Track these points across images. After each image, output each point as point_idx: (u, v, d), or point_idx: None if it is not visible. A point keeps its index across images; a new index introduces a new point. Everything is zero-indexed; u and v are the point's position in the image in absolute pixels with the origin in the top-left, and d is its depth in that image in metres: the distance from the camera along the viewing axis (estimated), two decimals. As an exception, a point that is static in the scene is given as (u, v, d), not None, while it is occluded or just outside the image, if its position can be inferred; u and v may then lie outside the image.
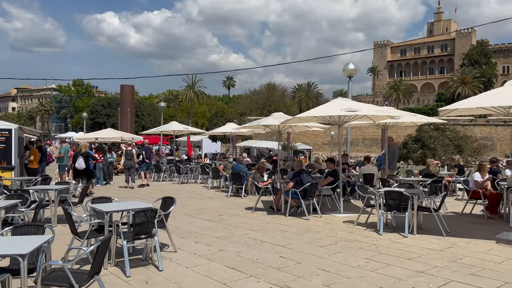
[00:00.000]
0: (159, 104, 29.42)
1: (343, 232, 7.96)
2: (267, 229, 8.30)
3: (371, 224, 8.72)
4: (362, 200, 8.73)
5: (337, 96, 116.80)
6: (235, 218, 9.59)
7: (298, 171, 9.67)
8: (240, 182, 13.07)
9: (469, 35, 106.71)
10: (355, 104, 9.61)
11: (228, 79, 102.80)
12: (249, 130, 18.11)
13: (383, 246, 6.92)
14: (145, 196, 13.46)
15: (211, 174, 15.70)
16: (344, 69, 15.63)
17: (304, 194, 9.44)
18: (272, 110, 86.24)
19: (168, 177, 19.61)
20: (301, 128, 15.68)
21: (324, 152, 76.72)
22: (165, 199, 6.91)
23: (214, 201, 12.40)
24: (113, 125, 56.36)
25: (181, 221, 9.23)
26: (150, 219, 5.66)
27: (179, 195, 13.76)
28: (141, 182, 17.06)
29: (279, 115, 14.09)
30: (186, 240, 7.44)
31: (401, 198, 7.64)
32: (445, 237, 7.51)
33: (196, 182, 18.10)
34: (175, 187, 16.34)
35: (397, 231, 8.01)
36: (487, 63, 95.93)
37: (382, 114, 9.11)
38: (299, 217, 9.56)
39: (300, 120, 11.38)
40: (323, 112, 9.51)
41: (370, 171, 12.52)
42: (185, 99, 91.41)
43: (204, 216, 9.87)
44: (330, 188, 10.25)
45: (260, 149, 40.53)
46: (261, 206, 11.01)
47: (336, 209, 10.54)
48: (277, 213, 10.16)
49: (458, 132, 28.03)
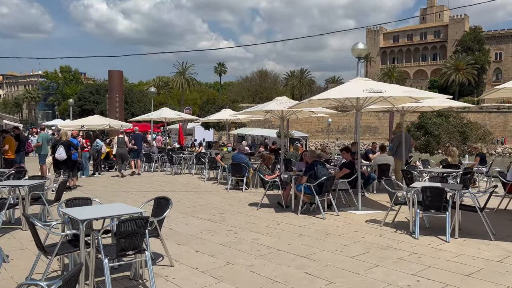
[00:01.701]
0: (149, 90, 27.77)
1: (371, 236, 6.70)
2: (280, 232, 7.01)
3: (399, 224, 7.49)
4: (390, 197, 7.46)
5: (329, 83, 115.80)
6: (239, 217, 8.28)
7: (312, 163, 8.35)
8: (241, 174, 11.75)
9: (462, 21, 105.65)
10: (378, 84, 8.28)
11: (219, 66, 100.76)
12: (248, 116, 16.73)
13: (426, 255, 5.67)
14: (135, 190, 12.08)
15: (207, 164, 14.34)
16: (353, 49, 14.22)
17: (319, 189, 8.16)
18: (264, 97, 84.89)
19: (160, 167, 18.22)
20: (305, 114, 14.34)
21: (317, 139, 75.69)
22: (158, 200, 5.56)
23: (212, 196, 11.08)
24: (102, 112, 54.48)
25: (176, 221, 7.90)
26: (139, 230, 4.32)
27: (172, 188, 12.41)
28: (132, 170, 16.23)
29: (282, 99, 12.69)
30: (184, 248, 6.11)
31: (442, 196, 6.39)
32: (494, 242, 6.30)
33: (191, 173, 16.73)
34: (168, 179, 14.97)
35: (434, 233, 6.78)
36: (480, 50, 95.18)
37: (412, 95, 7.82)
38: (312, 216, 8.29)
39: (310, 104, 10.04)
40: (342, 94, 8.17)
41: (386, 161, 11.28)
42: (175, 86, 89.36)
43: (203, 215, 8.55)
44: (346, 182, 8.97)
45: (255, 137, 39.22)
46: (266, 201, 9.72)
47: (352, 205, 9.30)
48: (286, 210, 8.88)
49: (462, 118, 26.93)
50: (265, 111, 12.77)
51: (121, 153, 15.42)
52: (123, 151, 15.46)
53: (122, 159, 15.52)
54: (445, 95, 8.43)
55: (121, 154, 15.43)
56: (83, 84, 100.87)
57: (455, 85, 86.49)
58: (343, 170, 9.03)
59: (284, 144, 16.09)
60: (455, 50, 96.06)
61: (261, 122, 70.73)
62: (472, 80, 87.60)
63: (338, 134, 77.60)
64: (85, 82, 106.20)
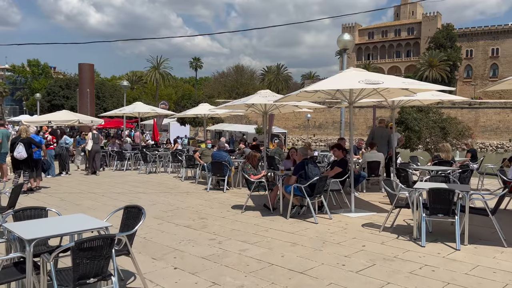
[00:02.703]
0: (122, 83, 26.39)
1: (373, 244, 5.97)
2: (270, 241, 6.20)
3: (399, 228, 6.81)
4: (390, 199, 6.76)
5: (306, 79, 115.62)
6: (223, 223, 7.42)
7: (302, 162, 7.56)
8: (222, 173, 10.87)
9: (435, 18, 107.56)
10: (374, 75, 7.57)
11: (195, 60, 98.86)
12: (227, 111, 15.83)
13: (439, 267, 4.97)
14: (105, 192, 11.02)
15: (184, 162, 13.37)
16: (338, 40, 13.60)
17: (310, 190, 7.39)
18: (241, 93, 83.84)
19: (133, 166, 17.10)
20: (288, 109, 13.56)
21: (295, 135, 75.33)
22: (128, 209, 4.64)
23: (191, 197, 10.16)
24: (72, 108, 52.33)
25: (151, 229, 6.98)
26: (103, 251, 3.41)
27: (147, 189, 11.42)
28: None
29: (266, 93, 11.87)
30: (160, 264, 5.22)
31: (452, 198, 5.72)
32: (508, 249, 5.68)
33: (167, 171, 15.71)
34: (142, 178, 13.93)
35: (440, 239, 6.11)
36: (452, 47, 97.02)
37: (412, 87, 7.14)
38: (303, 220, 7.52)
39: (298, 98, 9.25)
40: (337, 85, 7.40)
41: (375, 158, 10.63)
42: (150, 80, 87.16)
43: (181, 220, 7.64)
44: (338, 182, 8.24)
45: (233, 133, 38.31)
46: (250, 203, 8.90)
47: (344, 206, 8.59)
48: (273, 213, 8.08)
49: (442, 114, 26.77)
50: (247, 105, 11.94)
51: (97, 149, 14.91)
52: (98, 148, 14.98)
53: (95, 156, 14.72)
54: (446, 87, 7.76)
55: (97, 150, 14.92)
56: (52, 78, 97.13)
57: (428, 81, 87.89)
58: (335, 169, 8.29)
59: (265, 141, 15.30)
60: (428, 47, 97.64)
61: (239, 117, 69.94)
62: (445, 77, 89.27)
63: (315, 130, 77.57)
64: (55, 77, 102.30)
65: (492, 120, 71.16)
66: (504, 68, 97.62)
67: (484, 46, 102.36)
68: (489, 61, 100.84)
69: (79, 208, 8.87)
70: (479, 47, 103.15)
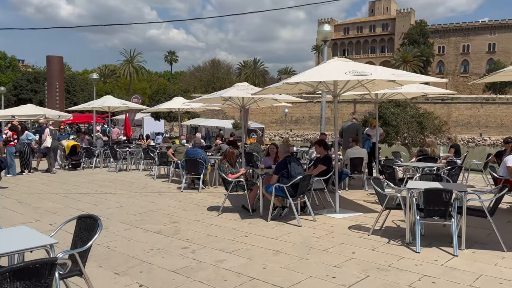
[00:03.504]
0: (91, 76, 25.13)
1: (363, 250, 5.42)
2: (250, 249, 5.56)
3: (388, 231, 6.30)
4: (380, 200, 6.23)
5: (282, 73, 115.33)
6: (197, 227, 6.74)
7: (284, 159, 6.95)
8: (197, 171, 10.15)
9: (409, 15, 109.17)
10: (361, 66, 7.01)
11: (170, 54, 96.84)
12: (203, 105, 15.06)
13: (440, 278, 4.46)
14: (68, 193, 10.12)
15: (157, 160, 12.56)
16: (319, 32, 13.03)
17: (293, 190, 6.79)
18: (217, 87, 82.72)
19: (103, 163, 16.14)
20: (267, 103, 12.93)
21: (271, 130, 74.91)
22: (82, 219, 3.90)
23: (163, 198, 9.41)
24: (41, 102, 50.24)
25: (116, 236, 6.23)
26: (42, 280, 2.68)
27: (115, 189, 10.58)
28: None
29: (244, 85, 11.20)
30: (124, 281, 4.50)
31: (449, 199, 5.22)
32: (508, 253, 5.24)
33: (138, 169, 14.83)
34: (111, 177, 13.03)
35: (434, 244, 5.62)
36: (425, 43, 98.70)
37: (403, 79, 6.62)
38: (285, 222, 6.92)
39: (278, 90, 8.63)
40: (322, 76, 6.80)
41: (359, 154, 10.16)
42: (123, 74, 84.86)
43: (151, 225, 6.91)
44: (322, 180, 7.67)
45: (209, 128, 37.43)
46: (228, 203, 8.23)
47: (328, 206, 8.06)
48: (252, 214, 7.45)
49: (419, 108, 26.72)
50: (223, 98, 11.23)
51: (55, 146, 14.08)
52: (57, 144, 14.26)
53: (54, 153, 13.68)
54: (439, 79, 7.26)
55: (55, 147, 14.08)
56: (20, 71, 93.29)
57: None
58: (318, 166, 7.72)
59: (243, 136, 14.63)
60: (402, 43, 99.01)
61: (215, 112, 68.96)
62: (418, 72, 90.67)
63: (291, 125, 77.41)
64: (23, 70, 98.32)
65: (464, 115, 72.80)
66: (475, 64, 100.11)
67: (456, 42, 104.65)
68: (460, 57, 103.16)
69: (37, 212, 8.01)
70: (451, 43, 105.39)
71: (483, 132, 70.33)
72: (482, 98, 73.90)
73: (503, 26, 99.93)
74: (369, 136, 11.66)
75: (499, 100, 71.41)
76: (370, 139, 11.62)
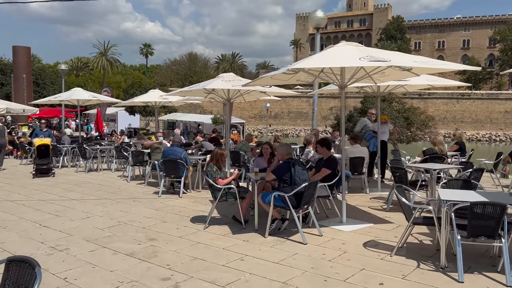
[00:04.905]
0: (59, 67, 23.26)
1: (392, 280, 4.31)
2: (249, 279, 4.37)
3: (412, 249, 5.24)
4: (406, 214, 5.13)
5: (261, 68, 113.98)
6: (180, 246, 5.50)
7: (287, 162, 5.76)
8: (177, 173, 8.87)
9: (386, 10, 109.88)
10: (376, 51, 5.90)
11: (145, 46, 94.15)
12: (183, 98, 13.71)
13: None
14: (27, 199, 8.66)
15: (131, 159, 11.17)
16: (311, 18, 11.92)
17: (296, 200, 5.63)
18: (194, 81, 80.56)
19: (71, 162, 14.60)
20: (253, 96, 11.72)
21: (250, 125, 73.66)
22: (13, 264, 2.60)
23: (138, 206, 8.09)
24: (7, 95, 47.47)
25: (78, 261, 4.93)
26: None
27: (82, 194, 9.19)
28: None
29: (229, 76, 9.98)
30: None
31: (501, 215, 4.17)
32: None
33: (110, 168, 13.38)
34: (79, 179, 11.57)
35: (475, 268, 4.57)
36: (402, 39, 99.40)
37: (431, 66, 5.54)
38: (286, 238, 5.76)
39: (273, 80, 7.45)
40: (329, 62, 5.64)
41: (359, 153, 9.10)
42: (96, 67, 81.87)
43: (123, 243, 5.63)
44: (327, 186, 6.54)
45: (187, 123, 35.87)
46: (215, 213, 7.00)
47: (330, 214, 6.97)
48: (245, 228, 6.26)
49: (405, 103, 26.14)
50: (206, 90, 9.97)
51: (2, 143, 13.36)
52: (4, 141, 13.45)
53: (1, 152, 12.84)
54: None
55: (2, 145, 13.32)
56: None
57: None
58: (322, 170, 6.58)
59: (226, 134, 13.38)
60: (379, 38, 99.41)
61: (192, 107, 67.17)
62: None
63: (270, 120, 76.50)
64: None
65: (440, 110, 73.49)
66: (450, 60, 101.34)
67: (432, 38, 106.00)
68: (435, 53, 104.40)
69: (-18, 226, 6.58)
70: (427, 39, 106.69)
71: (458, 127, 71.25)
72: (458, 93, 74.74)
73: (477, 23, 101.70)
74: (375, 133, 10.60)
75: (474, 96, 72.44)
76: (376, 136, 10.57)
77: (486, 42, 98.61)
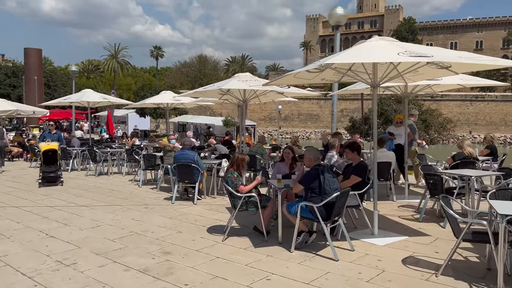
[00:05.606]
0: (70, 68, 22.99)
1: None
2: (279, 304, 3.84)
3: (458, 268, 4.65)
4: (454, 230, 4.55)
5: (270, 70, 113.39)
6: (197, 261, 4.98)
7: (315, 169, 5.22)
8: (191, 178, 8.37)
9: (397, 12, 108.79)
10: (415, 46, 5.33)
11: (156, 49, 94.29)
12: (195, 100, 13.22)
13: None
14: (34, 205, 8.22)
15: (142, 163, 10.71)
16: (331, 15, 11.42)
17: (326, 211, 5.08)
18: (204, 83, 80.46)
19: (82, 165, 14.21)
20: (271, 97, 11.18)
21: (260, 127, 73.13)
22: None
23: (150, 213, 7.60)
24: (19, 97, 47.63)
25: (87, 279, 4.44)
26: None
27: (92, 200, 8.73)
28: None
29: (246, 76, 9.48)
30: None
31: None
32: None
33: (121, 172, 12.94)
34: (89, 183, 11.14)
35: (537, 292, 4.00)
36: (414, 40, 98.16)
37: (480, 62, 4.97)
38: (315, 253, 5.21)
39: (296, 79, 6.92)
40: (365, 57, 5.09)
41: (386, 158, 8.52)
42: (107, 69, 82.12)
43: (135, 258, 5.13)
44: (357, 195, 5.98)
45: (198, 125, 35.48)
46: (233, 223, 6.47)
47: (359, 225, 6.41)
48: (268, 240, 5.73)
49: (422, 105, 25.37)
50: (221, 91, 9.49)
51: (1, 145, 13.56)
52: (2, 143, 13.59)
53: (1, 154, 12.98)
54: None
55: (1, 147, 13.52)
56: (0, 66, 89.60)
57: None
58: (352, 178, 6.02)
59: (236, 135, 12.87)
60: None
61: (202, 109, 66.90)
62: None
63: (280, 122, 75.99)
64: (3, 65, 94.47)
65: (453, 112, 72.25)
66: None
67: (444, 40, 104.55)
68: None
69: (-15, 236, 6.14)
70: (439, 40, 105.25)
71: (472, 130, 70.02)
72: (471, 95, 73.47)
73: (489, 24, 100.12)
74: (391, 135, 10.03)
75: (488, 98, 71.14)
76: (392, 138, 10.00)
77: (500, 43, 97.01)
